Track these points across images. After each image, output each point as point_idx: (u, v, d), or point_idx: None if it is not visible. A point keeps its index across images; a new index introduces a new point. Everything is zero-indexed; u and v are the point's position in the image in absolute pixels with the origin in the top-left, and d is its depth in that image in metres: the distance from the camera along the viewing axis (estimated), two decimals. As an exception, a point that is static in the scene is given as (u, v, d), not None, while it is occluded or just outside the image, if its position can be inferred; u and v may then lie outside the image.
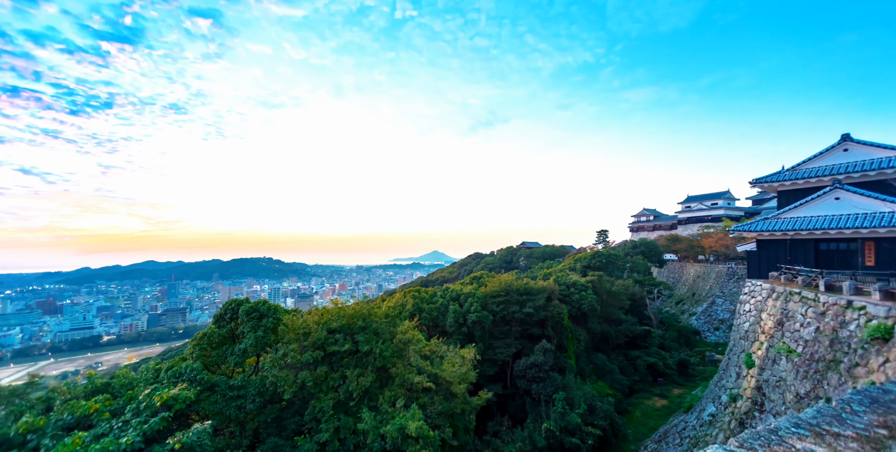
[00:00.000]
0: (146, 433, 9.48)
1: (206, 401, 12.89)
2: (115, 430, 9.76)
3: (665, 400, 33.00)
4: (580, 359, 34.34)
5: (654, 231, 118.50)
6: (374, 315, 17.82)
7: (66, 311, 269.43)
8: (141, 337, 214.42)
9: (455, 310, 28.48)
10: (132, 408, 10.50)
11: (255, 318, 16.49)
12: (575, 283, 38.64)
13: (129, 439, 9.03)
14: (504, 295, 31.08)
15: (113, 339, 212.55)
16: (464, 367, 20.25)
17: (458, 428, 18.21)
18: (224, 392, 13.43)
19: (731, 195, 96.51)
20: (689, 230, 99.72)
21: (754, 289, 22.92)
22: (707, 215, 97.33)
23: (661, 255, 78.71)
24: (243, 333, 15.88)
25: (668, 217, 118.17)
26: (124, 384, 13.34)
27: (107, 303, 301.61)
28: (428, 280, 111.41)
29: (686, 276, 78.78)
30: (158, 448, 9.27)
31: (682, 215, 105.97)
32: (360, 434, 14.66)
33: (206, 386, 13.15)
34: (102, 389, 12.78)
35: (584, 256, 60.48)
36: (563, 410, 23.03)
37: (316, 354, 15.57)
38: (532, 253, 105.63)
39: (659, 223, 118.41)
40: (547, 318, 31.36)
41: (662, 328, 51.29)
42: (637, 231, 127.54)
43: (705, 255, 74.89)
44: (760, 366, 18.81)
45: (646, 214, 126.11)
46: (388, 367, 17.01)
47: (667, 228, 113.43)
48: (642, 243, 78.20)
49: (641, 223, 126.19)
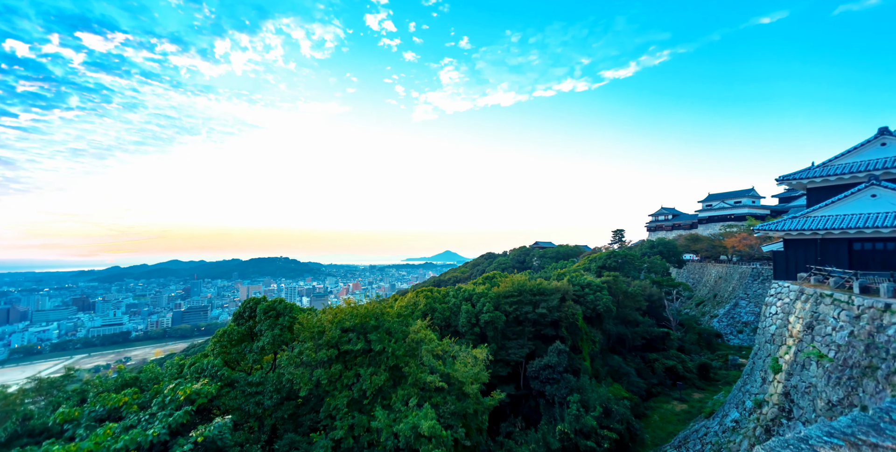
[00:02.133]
0: (171, 425, 9.88)
1: (227, 396, 13.32)
2: (143, 422, 10.21)
3: (685, 405, 31.97)
4: (595, 361, 33.66)
5: (673, 231, 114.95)
6: (387, 315, 17.98)
7: (98, 308, 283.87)
8: (166, 334, 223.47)
9: (467, 310, 28.41)
10: (158, 402, 10.97)
11: (272, 316, 16.91)
12: (590, 283, 37.91)
13: (156, 431, 9.43)
14: (517, 295, 30.80)
15: (140, 335, 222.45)
16: (476, 367, 20.17)
17: (470, 429, 18.17)
18: (243, 388, 13.85)
19: (756, 193, 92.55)
20: (710, 230, 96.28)
21: (781, 291, 21.90)
22: (730, 214, 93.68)
23: (681, 255, 76.25)
24: (261, 331, 16.32)
25: (688, 216, 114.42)
26: (151, 378, 13.95)
27: (135, 300, 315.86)
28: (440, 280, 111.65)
29: (707, 277, 76.03)
30: (182, 440, 9.64)
31: (702, 213, 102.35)
32: (373, 432, 14.82)
33: (227, 382, 13.59)
34: (131, 383, 13.41)
35: (599, 256, 59.28)
36: (578, 412, 22.64)
37: (330, 352, 15.84)
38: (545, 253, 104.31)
39: (678, 223, 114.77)
40: (561, 319, 30.89)
41: (682, 331, 49.70)
42: (655, 231, 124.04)
43: (727, 255, 72.13)
44: (788, 371, 17.96)
45: (664, 213, 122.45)
46: (401, 366, 17.13)
47: (686, 227, 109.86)
48: (660, 242, 75.99)
49: (659, 223, 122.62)
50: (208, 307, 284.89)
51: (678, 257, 74.84)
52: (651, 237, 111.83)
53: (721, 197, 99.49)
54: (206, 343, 37.05)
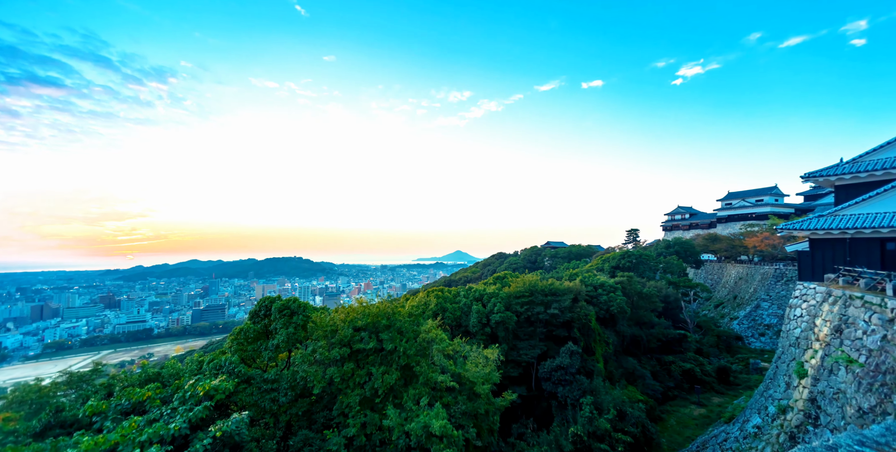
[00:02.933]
0: (191, 420, 10.21)
1: (243, 393, 13.68)
2: (165, 416, 10.59)
3: (703, 409, 31.05)
4: (609, 363, 33.05)
5: (691, 230, 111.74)
6: (398, 314, 18.10)
7: (123, 306, 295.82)
8: (186, 331, 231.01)
9: (478, 310, 28.33)
10: (179, 397, 11.35)
11: (287, 315, 17.25)
12: (603, 284, 37.24)
13: (177, 425, 9.76)
14: (528, 296, 30.52)
15: (162, 332, 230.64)
16: (487, 367, 20.09)
17: (482, 429, 18.12)
18: (259, 385, 14.19)
19: (779, 191, 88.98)
20: (729, 229, 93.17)
21: (807, 292, 21.00)
22: (751, 213, 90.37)
23: (698, 255, 74.08)
24: (276, 329, 16.69)
25: (706, 215, 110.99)
26: (172, 374, 14.46)
27: (157, 299, 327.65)
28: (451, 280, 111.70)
29: (726, 277, 73.59)
30: (202, 434, 9.95)
31: (721, 212, 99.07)
32: (385, 431, 14.95)
33: (243, 379, 13.96)
34: (154, 378, 13.93)
35: (613, 256, 58.15)
36: (591, 415, 22.27)
37: (343, 351, 16.05)
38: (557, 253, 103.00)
39: (696, 222, 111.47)
40: (573, 319, 30.45)
41: (699, 333, 48.28)
42: (671, 230, 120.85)
43: (748, 255, 69.65)
44: (814, 376, 17.22)
45: (681, 212, 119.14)
46: (412, 365, 17.22)
47: (704, 226, 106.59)
48: (677, 242, 73.98)
49: (676, 222, 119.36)
50: (226, 306, 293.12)
51: (696, 258, 72.71)
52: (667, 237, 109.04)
53: (741, 195, 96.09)
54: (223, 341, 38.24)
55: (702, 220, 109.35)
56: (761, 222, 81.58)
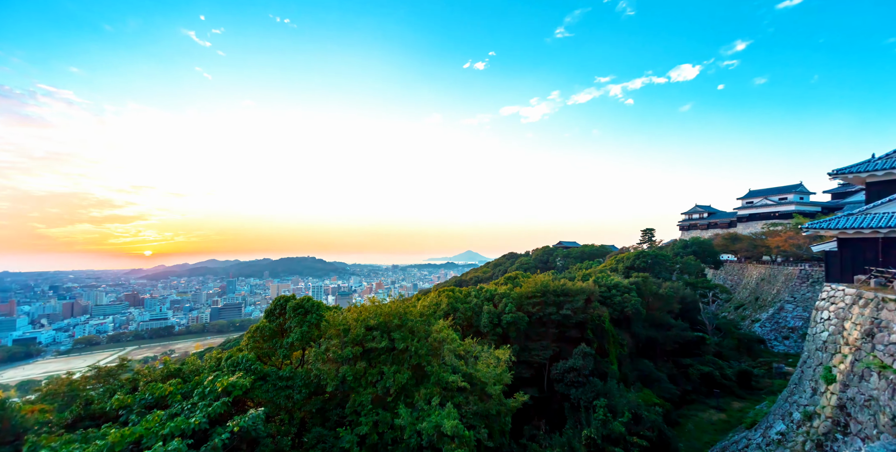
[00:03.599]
0: (210, 415, 10.55)
1: (259, 389, 14.04)
2: (186, 411, 10.99)
3: (723, 414, 30.09)
4: (623, 365, 32.40)
5: (709, 229, 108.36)
6: (410, 314, 18.21)
7: (146, 304, 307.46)
8: (205, 329, 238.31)
9: (489, 310, 28.22)
10: (199, 392, 11.75)
11: (301, 314, 17.59)
12: (617, 284, 36.54)
13: (197, 420, 10.11)
14: (540, 296, 30.22)
15: (183, 329, 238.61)
16: (499, 368, 20.00)
17: (493, 430, 18.04)
18: (274, 382, 14.54)
19: (805, 189, 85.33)
20: (750, 228, 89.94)
21: (835, 294, 20.08)
22: (774, 212, 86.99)
23: (717, 255, 71.77)
24: (290, 327, 17.06)
25: (726, 214, 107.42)
26: (192, 370, 14.97)
27: (178, 297, 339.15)
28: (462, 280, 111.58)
29: (747, 279, 71.05)
30: (221, 429, 10.28)
31: (742, 211, 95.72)
32: (397, 430, 15.08)
33: (259, 376, 14.32)
34: (175, 374, 14.47)
35: (628, 256, 56.95)
36: (605, 417, 21.89)
37: (355, 350, 16.26)
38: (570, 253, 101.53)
39: (714, 221, 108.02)
40: (586, 321, 29.99)
41: (719, 335, 46.80)
42: (688, 230, 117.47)
43: (771, 256, 67.11)
44: (844, 382, 16.45)
45: (698, 210, 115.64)
46: (424, 365, 17.30)
47: (724, 226, 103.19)
48: (694, 242, 71.82)
49: (694, 221, 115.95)
50: (242, 304, 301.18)
51: (714, 258, 70.46)
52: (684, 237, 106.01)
53: (764, 193, 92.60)
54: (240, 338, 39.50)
55: (721, 219, 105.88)
56: (785, 221, 78.38)
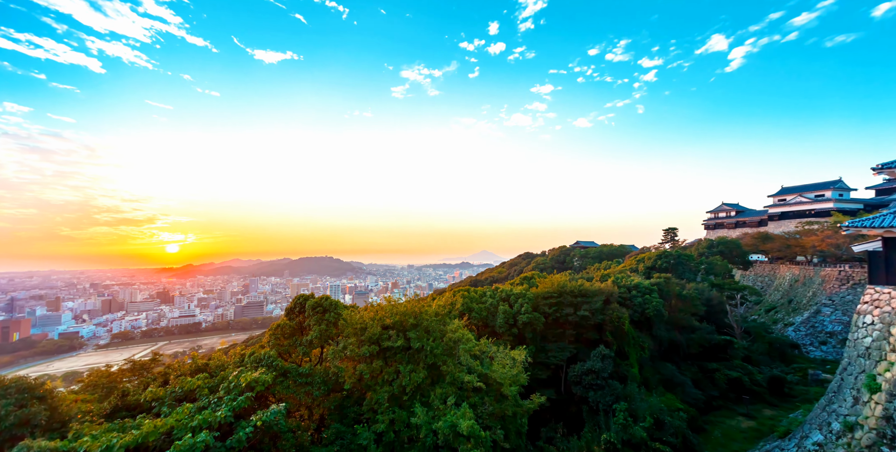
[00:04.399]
0: (235, 409, 11.03)
1: (281, 385, 14.53)
2: (212, 405, 11.52)
3: (752, 421, 28.69)
4: (644, 368, 31.43)
5: (737, 229, 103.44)
6: (425, 314, 18.33)
7: (176, 301, 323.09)
8: (229, 325, 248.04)
9: (505, 311, 28.03)
10: (224, 387, 12.30)
11: (319, 312, 18.06)
12: (637, 285, 35.50)
13: (223, 413, 10.59)
14: (557, 297, 29.75)
15: (209, 326, 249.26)
16: (515, 369, 19.84)
17: (509, 431, 17.93)
18: (295, 379, 15.01)
19: (845, 185, 80.00)
20: (783, 227, 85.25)
21: (879, 297, 18.78)
22: (809, 209, 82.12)
23: (746, 256, 68.47)
24: (309, 326, 17.54)
25: (755, 212, 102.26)
26: (218, 365, 15.67)
27: (204, 295, 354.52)
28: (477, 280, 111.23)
29: (780, 280, 67.36)
30: (245, 423, 10.72)
31: (774, 209, 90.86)
32: (413, 428, 15.24)
33: (281, 372, 14.82)
34: (202, 369, 15.19)
35: (649, 256, 55.18)
36: (626, 422, 21.32)
37: (372, 348, 16.54)
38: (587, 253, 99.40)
39: (743, 219, 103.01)
40: (605, 322, 29.29)
41: (748, 339, 44.64)
42: (714, 229, 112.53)
43: (806, 256, 63.38)
44: (890, 391, 15.38)
45: (725, 209, 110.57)
46: (439, 364, 17.39)
47: (753, 224, 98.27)
48: (721, 242, 68.78)
49: (720, 220, 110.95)
50: (264, 303, 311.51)
51: (743, 258, 67.26)
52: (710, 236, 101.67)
53: (798, 190, 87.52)
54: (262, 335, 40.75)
55: (750, 217, 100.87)
56: (822, 219, 73.80)
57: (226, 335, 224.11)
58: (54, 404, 12.85)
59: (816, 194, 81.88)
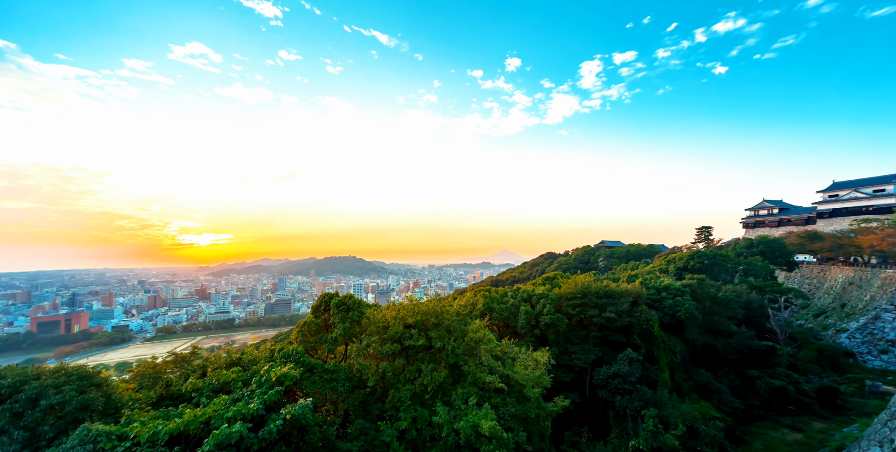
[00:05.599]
0: (266, 402, 11.59)
1: (308, 381, 15.10)
2: (245, 397, 12.17)
3: (799, 434, 26.61)
4: (676, 373, 29.96)
5: (780, 227, 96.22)
6: (447, 313, 18.40)
7: (212, 298, 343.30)
8: (260, 322, 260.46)
9: (527, 311, 27.61)
10: (256, 380, 12.96)
11: (344, 310, 18.59)
12: (668, 287, 33.89)
13: (255, 406, 11.16)
14: (581, 298, 28.94)
15: (241, 322, 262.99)
16: (537, 371, 19.52)
17: (532, 433, 17.66)
18: (321, 374, 15.54)
19: (908, 177, 72.49)
20: (834, 225, 78.44)
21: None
22: (866, 206, 75.02)
23: (791, 256, 63.59)
24: (334, 323, 18.10)
25: (802, 209, 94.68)
26: (251, 360, 16.51)
27: (237, 293, 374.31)
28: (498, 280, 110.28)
29: (830, 282, 61.99)
30: (275, 416, 11.25)
31: (824, 206, 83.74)
32: (435, 427, 15.36)
33: (308, 368, 15.40)
34: (236, 363, 16.06)
35: (680, 256, 52.49)
36: (656, 429, 20.40)
37: (394, 347, 16.82)
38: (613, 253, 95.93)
39: (787, 217, 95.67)
40: (632, 324, 28.18)
41: (793, 346, 41.46)
42: (754, 227, 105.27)
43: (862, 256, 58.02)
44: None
45: (767, 206, 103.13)
46: (460, 364, 17.41)
47: (799, 222, 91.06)
48: (762, 241, 64.24)
49: (761, 218, 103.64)
50: (291, 300, 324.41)
51: (787, 259, 62.53)
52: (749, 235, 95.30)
53: (853, 185, 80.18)
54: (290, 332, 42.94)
55: (795, 215, 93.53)
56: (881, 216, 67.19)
57: (257, 330, 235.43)
58: (109, 391, 14.05)
59: (875, 188, 74.55)
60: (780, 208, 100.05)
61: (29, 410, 11.96)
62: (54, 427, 11.99)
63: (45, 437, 11.75)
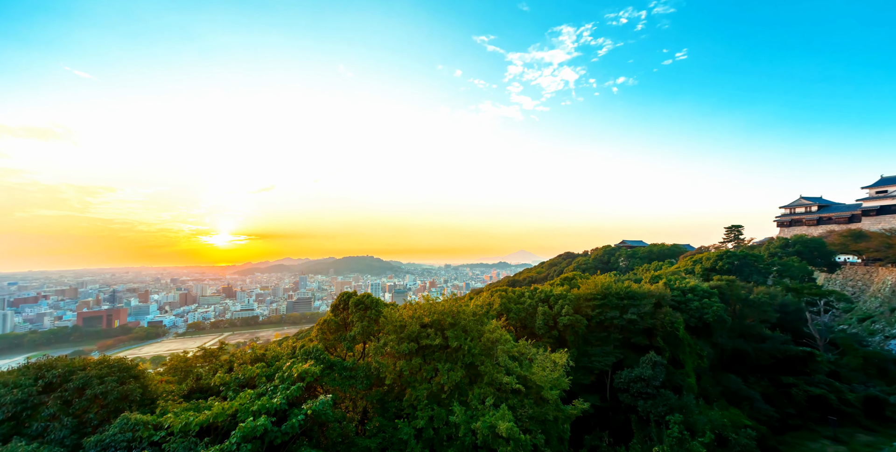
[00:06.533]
0: (289, 397, 12.00)
1: (328, 377, 15.51)
2: (269, 392, 12.65)
3: (842, 447, 24.90)
4: (703, 379, 28.70)
5: (819, 225, 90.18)
6: (463, 313, 18.41)
7: (238, 296, 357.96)
8: (282, 320, 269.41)
9: (544, 312, 27.20)
10: (279, 376, 13.45)
11: (362, 309, 18.94)
12: (694, 288, 32.52)
13: (279, 400, 11.59)
14: (601, 299, 28.23)
15: (265, 319, 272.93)
16: (555, 372, 19.20)
17: (551, 436, 17.40)
18: (340, 372, 15.93)
19: (966, 170, 66.14)
20: (882, 223, 72.83)
21: None
22: (917, 201, 69.20)
23: (832, 256, 59.55)
24: (353, 322, 18.48)
25: (844, 207, 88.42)
26: (274, 356, 17.15)
27: (261, 291, 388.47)
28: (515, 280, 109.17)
29: (878, 285, 57.56)
30: (297, 411, 11.63)
31: (870, 203, 77.87)
32: (451, 426, 15.42)
33: (328, 365, 15.81)
34: (260, 358, 16.73)
35: (707, 256, 50.23)
36: (682, 436, 19.63)
37: (411, 346, 16.99)
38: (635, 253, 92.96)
39: (828, 215, 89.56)
40: (655, 327, 27.21)
41: (834, 352, 38.81)
42: (790, 226, 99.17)
43: (914, 255, 53.47)
44: None
45: (804, 203, 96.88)
46: (477, 364, 17.38)
47: (842, 221, 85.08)
48: (799, 240, 60.51)
49: (798, 216, 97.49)
50: (311, 299, 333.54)
51: (827, 259, 58.61)
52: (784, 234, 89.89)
53: (903, 178, 74.19)
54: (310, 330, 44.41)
55: (837, 213, 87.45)
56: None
57: (279, 328, 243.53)
58: (146, 383, 14.97)
59: (928, 182, 68.67)
60: (819, 206, 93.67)
61: (76, 398, 12.93)
62: (98, 414, 12.89)
63: (91, 424, 12.65)
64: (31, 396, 12.48)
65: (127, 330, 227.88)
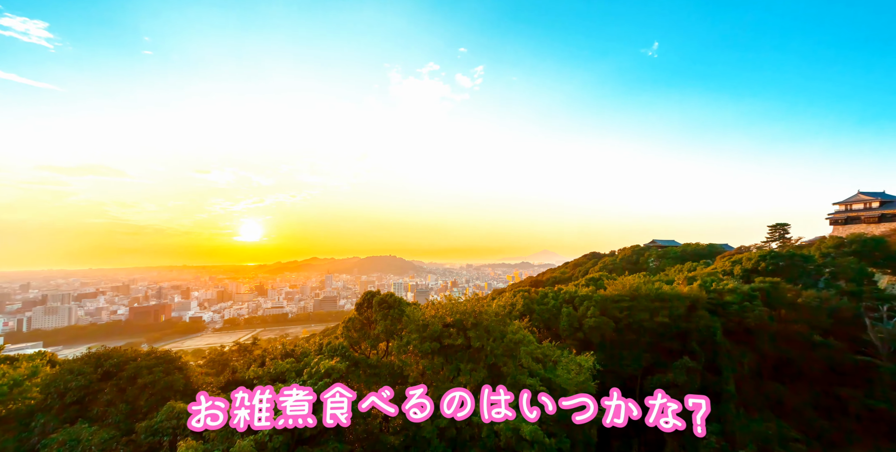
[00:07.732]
0: (317, 392, 12.47)
1: (353, 374, 15.98)
2: (298, 386, 13.22)
3: (909, 469, 22.46)
4: (744, 387, 26.83)
5: (882, 223, 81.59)
6: (485, 313, 18.32)
7: (269, 294, 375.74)
8: (309, 317, 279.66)
9: (569, 313, 26.51)
10: (308, 371, 14.04)
11: (385, 308, 19.30)
12: (733, 290, 30.52)
13: (308, 395, 12.07)
14: (629, 300, 27.12)
15: (294, 317, 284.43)
16: (581, 376, 18.68)
17: (576, 441, 16.94)
18: (364, 369, 16.37)
19: None
20: (955, 218, 64.75)
21: None
22: None
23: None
24: (376, 320, 18.90)
25: (910, 200, 79.48)
26: (302, 352, 17.92)
27: (290, 289, 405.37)
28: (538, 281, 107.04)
29: (952, 287, 51.29)
30: (324, 405, 12.05)
31: (941, 195, 69.46)
32: (474, 427, 15.39)
33: (353, 362, 16.29)
34: (290, 354, 17.53)
35: (748, 257, 46.98)
36: (719, 447, 18.51)
37: (433, 345, 17.13)
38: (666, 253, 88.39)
39: (891, 211, 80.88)
40: (690, 331, 25.80)
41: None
42: (845, 224, 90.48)
43: None
44: None
45: (863, 199, 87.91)
46: (499, 365, 17.24)
47: (907, 216, 76.55)
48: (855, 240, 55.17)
49: (855, 212, 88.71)
50: (337, 297, 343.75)
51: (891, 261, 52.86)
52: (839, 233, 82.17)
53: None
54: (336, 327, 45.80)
55: (902, 207, 78.77)
56: None
57: (307, 325, 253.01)
58: (188, 374, 16.09)
59: None
60: (881, 201, 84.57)
61: (129, 387, 14.13)
62: (147, 402, 14.03)
63: (142, 411, 13.79)
64: (93, 383, 13.82)
65: (171, 325, 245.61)
